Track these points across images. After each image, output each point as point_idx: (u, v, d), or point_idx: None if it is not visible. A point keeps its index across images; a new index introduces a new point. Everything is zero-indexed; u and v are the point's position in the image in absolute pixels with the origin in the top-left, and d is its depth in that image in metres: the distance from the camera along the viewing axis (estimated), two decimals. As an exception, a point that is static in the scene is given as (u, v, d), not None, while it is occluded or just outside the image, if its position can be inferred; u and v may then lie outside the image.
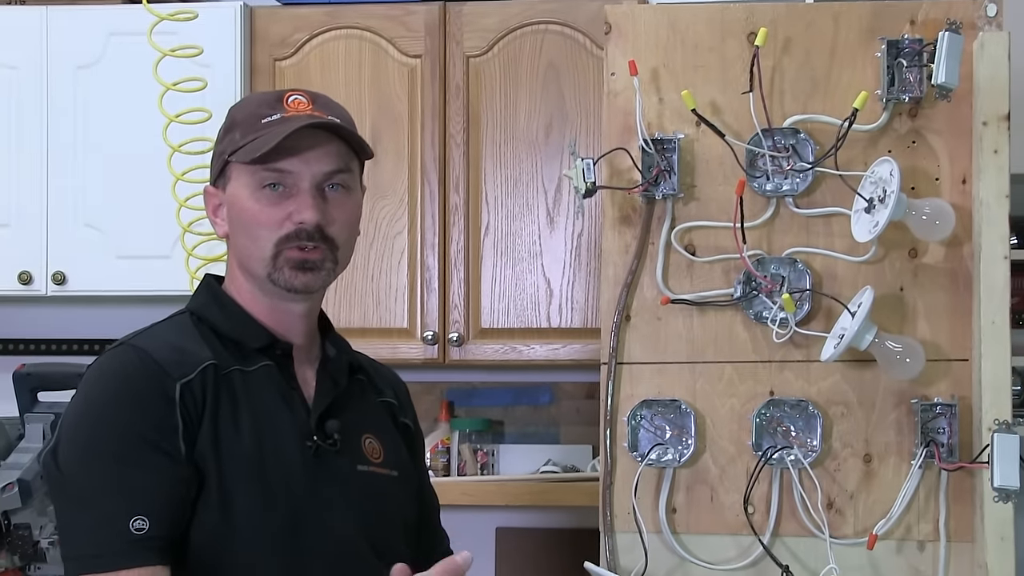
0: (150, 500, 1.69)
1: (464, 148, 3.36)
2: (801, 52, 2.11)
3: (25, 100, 3.41)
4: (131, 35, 3.26)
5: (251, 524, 1.74)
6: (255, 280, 1.85)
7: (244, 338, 1.85)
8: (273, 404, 1.82)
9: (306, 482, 1.80)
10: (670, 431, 2.10)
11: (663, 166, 2.10)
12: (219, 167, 1.86)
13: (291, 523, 1.77)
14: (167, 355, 1.77)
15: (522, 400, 3.67)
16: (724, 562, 2.08)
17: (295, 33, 3.42)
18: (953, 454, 1.99)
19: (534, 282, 3.33)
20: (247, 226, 1.82)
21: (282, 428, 1.81)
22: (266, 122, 1.81)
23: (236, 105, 1.92)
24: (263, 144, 1.78)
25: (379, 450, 1.92)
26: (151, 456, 1.71)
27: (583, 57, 3.33)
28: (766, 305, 2.07)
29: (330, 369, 1.92)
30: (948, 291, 2.04)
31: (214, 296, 1.90)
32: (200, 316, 1.87)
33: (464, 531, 3.61)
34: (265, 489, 1.76)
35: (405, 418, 2.06)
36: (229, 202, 1.85)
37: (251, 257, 1.83)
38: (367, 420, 1.94)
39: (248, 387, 1.81)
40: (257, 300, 1.87)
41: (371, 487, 1.88)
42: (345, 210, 1.85)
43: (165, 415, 1.73)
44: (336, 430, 1.84)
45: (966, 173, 2.04)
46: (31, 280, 3.39)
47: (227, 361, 1.81)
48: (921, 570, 2.03)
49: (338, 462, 1.84)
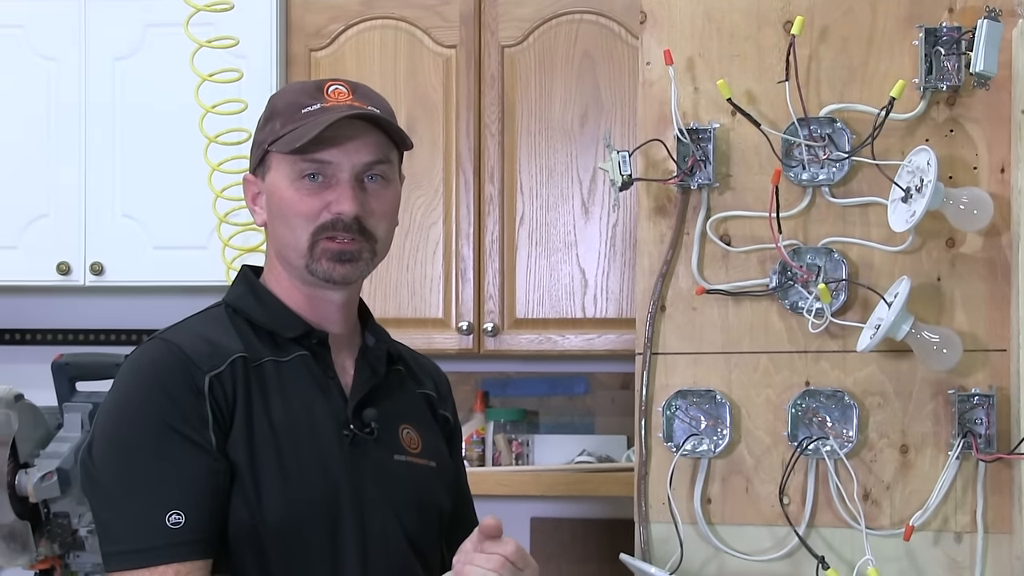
0: (185, 493, 1.70)
1: (499, 138, 3.36)
2: (838, 40, 2.10)
3: (63, 91, 3.43)
4: (168, 26, 3.28)
5: (285, 513, 1.75)
6: (293, 270, 1.86)
7: (279, 328, 1.85)
8: (309, 393, 1.83)
9: (342, 470, 1.80)
10: (705, 421, 2.09)
11: (698, 156, 2.10)
12: (259, 156, 1.87)
13: (327, 511, 1.78)
14: (198, 348, 1.78)
15: (557, 390, 3.67)
16: (759, 553, 2.07)
17: (331, 24, 3.43)
18: (991, 445, 1.98)
19: (569, 272, 3.33)
20: (285, 215, 1.83)
21: (318, 417, 1.81)
22: (306, 112, 1.82)
23: (276, 94, 1.93)
24: (304, 134, 1.78)
25: (417, 440, 1.93)
26: (183, 449, 1.72)
27: (618, 46, 3.33)
28: (802, 295, 2.06)
29: (369, 358, 1.92)
30: (986, 281, 2.03)
31: (250, 287, 1.90)
32: (236, 308, 1.88)
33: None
34: (300, 478, 1.76)
35: (444, 410, 2.06)
36: (268, 191, 1.85)
37: (288, 247, 1.84)
38: (405, 410, 1.95)
39: (282, 377, 1.82)
40: (295, 290, 1.87)
41: (408, 477, 1.88)
42: (384, 201, 1.85)
43: (195, 407, 1.74)
44: (373, 419, 1.85)
45: (1004, 162, 2.02)
46: (69, 271, 3.41)
47: (260, 352, 1.82)
48: (959, 561, 2.02)
49: (375, 451, 1.85)
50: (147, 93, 3.41)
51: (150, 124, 3.39)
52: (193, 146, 2.89)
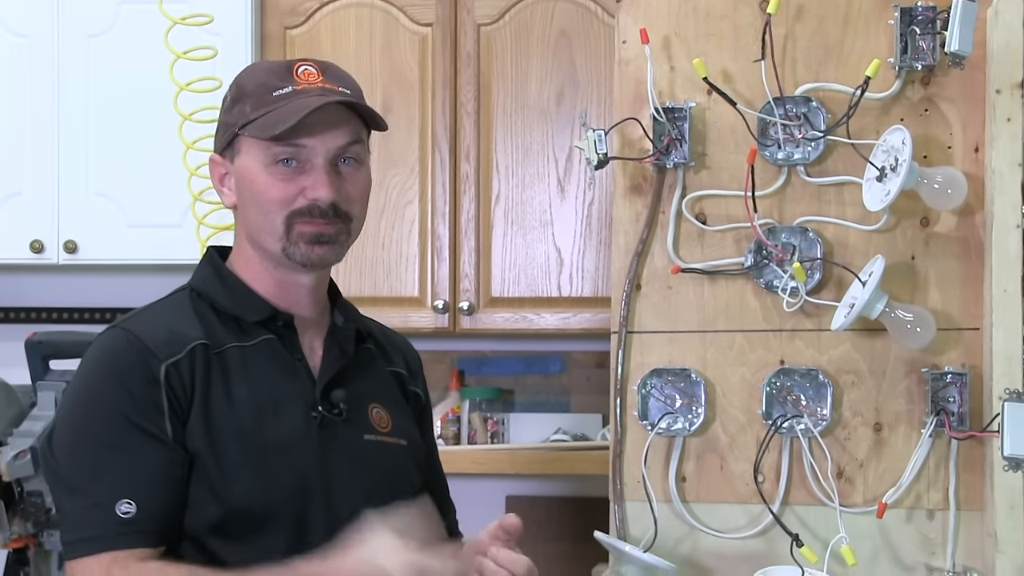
0: (137, 483, 1.70)
1: (475, 117, 3.36)
2: (814, 19, 2.10)
3: (36, 69, 3.41)
4: (142, 3, 3.27)
5: (252, 498, 1.74)
6: (266, 253, 1.84)
7: (243, 312, 1.84)
8: (275, 377, 1.82)
9: (310, 453, 1.80)
10: (680, 400, 2.10)
11: (674, 135, 2.10)
12: (228, 138, 1.84)
13: (294, 495, 1.77)
14: (156, 336, 1.77)
15: (532, 369, 3.67)
16: (734, 531, 2.08)
17: (306, 2, 3.42)
18: (963, 423, 1.99)
19: (545, 251, 3.33)
20: (258, 200, 1.81)
21: (284, 400, 1.81)
22: (278, 95, 1.80)
23: (243, 74, 1.89)
24: (279, 122, 1.76)
25: (387, 419, 1.92)
26: (137, 438, 1.72)
27: (594, 25, 3.32)
28: (777, 274, 2.07)
29: (338, 338, 1.91)
30: (960, 260, 2.04)
31: (215, 270, 1.89)
32: (200, 292, 1.87)
33: (474, 499, 3.63)
34: (265, 463, 1.76)
35: (415, 387, 2.06)
36: (239, 174, 1.84)
37: (262, 231, 1.83)
38: (375, 389, 1.94)
39: (247, 362, 1.81)
40: (266, 273, 1.86)
41: (379, 456, 1.88)
42: (358, 184, 1.85)
43: (151, 397, 1.73)
44: (342, 400, 1.84)
45: (979, 141, 2.03)
46: (43, 249, 3.40)
47: (223, 338, 1.81)
48: (931, 538, 2.03)
49: (345, 432, 1.84)
50: (121, 70, 3.39)
51: (124, 102, 3.37)
52: (167, 124, 2.87)
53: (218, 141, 1.88)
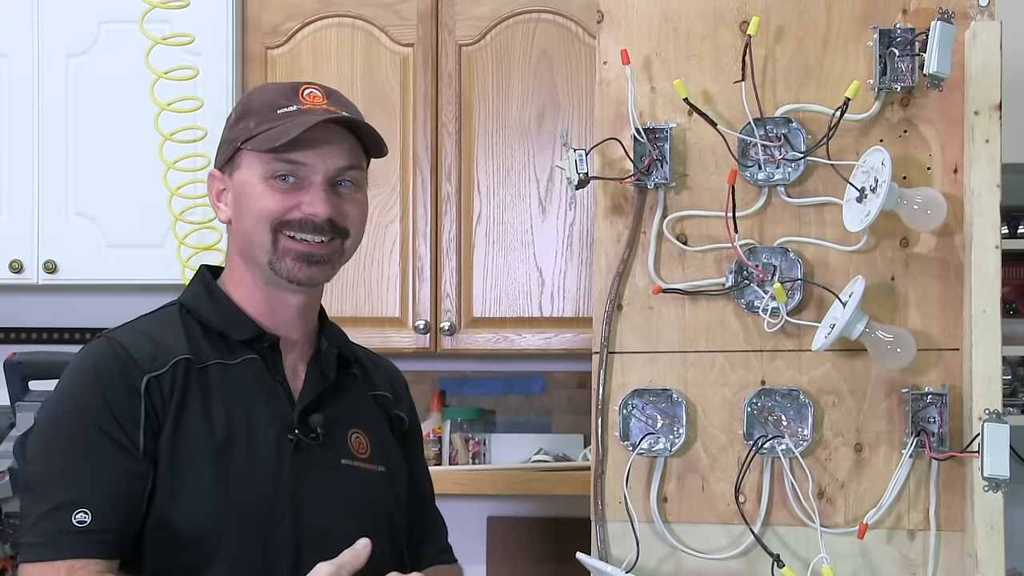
0: (96, 493, 1.70)
1: (456, 137, 3.36)
2: (793, 41, 2.11)
3: (16, 88, 3.40)
4: (123, 23, 3.26)
5: (213, 519, 1.73)
6: (256, 268, 1.85)
7: (230, 330, 1.84)
8: (253, 397, 1.82)
9: (281, 476, 1.79)
10: (661, 420, 2.10)
11: (655, 155, 2.10)
12: (229, 153, 1.86)
13: (259, 518, 1.76)
14: (142, 348, 1.78)
15: (514, 389, 3.67)
16: (715, 551, 2.08)
17: (287, 21, 3.42)
18: (944, 443, 1.99)
19: (526, 271, 3.33)
20: (252, 213, 1.82)
21: (259, 421, 1.80)
22: (282, 112, 1.82)
23: (251, 93, 1.92)
24: (282, 134, 1.79)
25: (366, 445, 1.91)
26: (105, 447, 1.72)
27: (575, 46, 3.33)
28: (757, 294, 2.07)
29: (320, 362, 1.91)
30: (939, 280, 2.04)
31: (206, 288, 1.90)
32: (189, 308, 1.87)
33: (455, 520, 3.61)
34: (232, 483, 1.75)
35: (399, 410, 2.06)
36: (237, 188, 1.85)
37: (253, 243, 1.83)
38: (355, 414, 1.94)
39: (227, 380, 1.81)
40: (256, 290, 1.87)
41: (354, 482, 1.87)
42: (356, 205, 1.89)
43: (128, 407, 1.74)
44: (320, 424, 1.84)
45: (958, 162, 2.04)
46: (22, 269, 3.39)
47: (207, 355, 1.82)
48: (911, 559, 2.03)
49: (320, 456, 1.83)
50: (101, 90, 3.38)
51: (104, 121, 3.37)
52: (148, 144, 2.87)
53: (219, 157, 1.89)
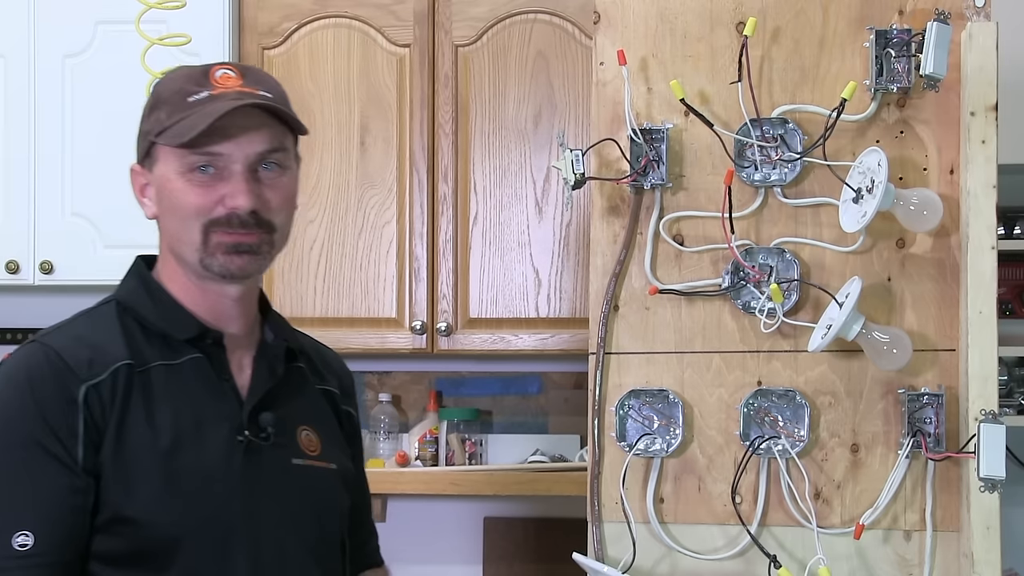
0: (37, 514, 1.63)
1: (453, 138, 3.36)
2: (790, 42, 2.11)
3: (12, 88, 3.40)
4: (119, 23, 3.25)
5: (167, 528, 1.68)
6: (187, 265, 1.78)
7: (172, 330, 1.78)
8: (200, 399, 1.75)
9: (233, 480, 1.73)
10: (658, 421, 2.10)
11: (652, 156, 2.10)
12: (145, 147, 1.79)
13: (214, 525, 1.71)
14: (78, 354, 1.70)
15: (510, 390, 3.67)
16: (711, 552, 2.08)
17: (283, 22, 3.42)
18: (940, 444, 1.99)
19: (522, 272, 3.33)
20: (176, 210, 1.75)
21: (208, 424, 1.74)
22: (193, 100, 1.73)
23: (161, 81, 1.83)
24: (192, 126, 1.70)
25: (316, 442, 1.86)
26: (43, 465, 1.65)
27: (572, 46, 3.33)
28: (754, 295, 2.07)
29: (267, 356, 1.85)
30: (935, 281, 2.05)
31: (143, 282, 1.83)
32: (126, 306, 1.80)
33: (452, 521, 3.64)
34: (184, 491, 1.69)
35: (348, 406, 2.00)
36: (157, 184, 1.78)
37: (181, 241, 1.77)
38: (305, 410, 1.88)
39: (172, 383, 1.74)
40: (189, 285, 1.80)
41: (307, 481, 1.82)
42: (281, 191, 1.78)
43: (66, 419, 1.66)
44: (270, 423, 1.78)
45: (954, 163, 2.04)
46: (18, 269, 3.38)
47: (149, 357, 1.74)
48: (908, 559, 2.04)
49: (271, 456, 1.78)
50: (98, 91, 3.38)
51: (101, 122, 3.36)
52: (144, 144, 2.86)
53: (138, 151, 1.82)
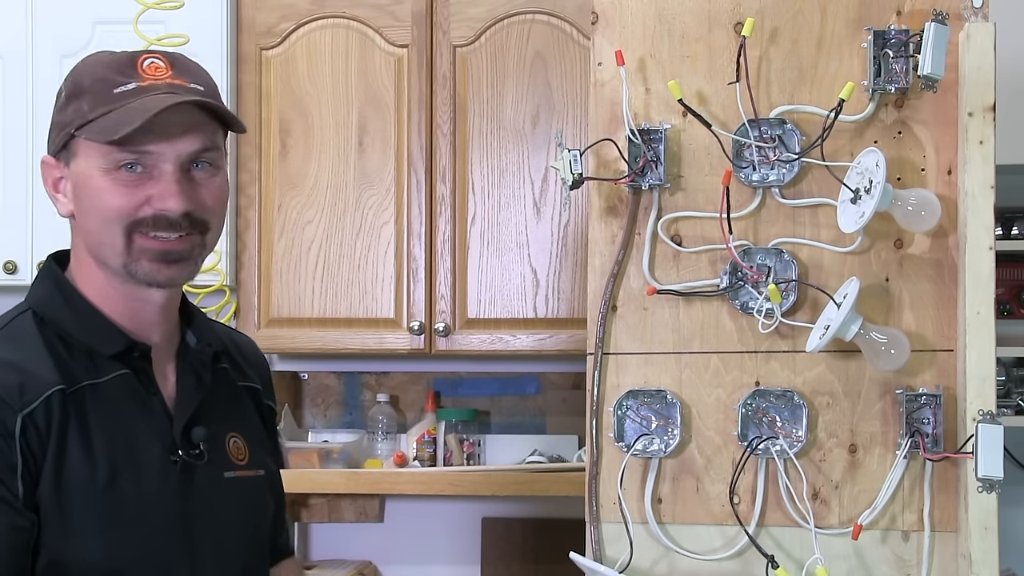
0: None
1: (451, 138, 3.36)
2: (788, 42, 2.11)
3: (9, 88, 3.39)
4: (117, 23, 3.25)
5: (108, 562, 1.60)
6: (107, 268, 1.67)
7: (98, 345, 1.66)
8: (130, 419, 1.65)
9: (171, 503, 1.66)
10: (656, 421, 2.10)
11: (650, 156, 2.10)
12: (63, 140, 1.66)
13: (156, 553, 1.64)
14: (7, 381, 1.58)
15: (508, 390, 3.67)
16: (709, 552, 2.08)
17: (281, 22, 3.41)
18: (938, 444, 1.99)
19: (520, 272, 3.33)
20: (97, 210, 1.64)
21: (141, 446, 1.65)
22: (120, 92, 1.62)
23: (80, 68, 1.70)
24: (120, 123, 1.59)
25: (244, 450, 1.80)
26: None
27: (570, 47, 3.33)
28: (752, 295, 2.07)
29: (192, 364, 1.75)
30: (933, 282, 2.05)
31: (58, 288, 1.71)
32: (44, 317, 1.68)
33: (450, 521, 3.64)
34: (124, 521, 1.61)
35: (269, 400, 1.94)
36: (76, 180, 1.66)
37: (102, 244, 1.65)
38: (231, 416, 1.81)
39: (100, 403, 1.63)
40: (110, 290, 1.68)
41: (239, 494, 1.77)
42: (214, 190, 1.68)
43: (3, 454, 1.55)
44: (203, 439, 1.69)
45: (952, 164, 2.04)
46: (16, 270, 3.38)
47: (76, 376, 1.63)
48: (906, 559, 2.04)
49: (204, 473, 1.70)
50: (95, 91, 3.37)
51: (98, 122, 3.36)
52: (142, 144, 2.86)
53: (51, 142, 1.69)
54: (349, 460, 3.45)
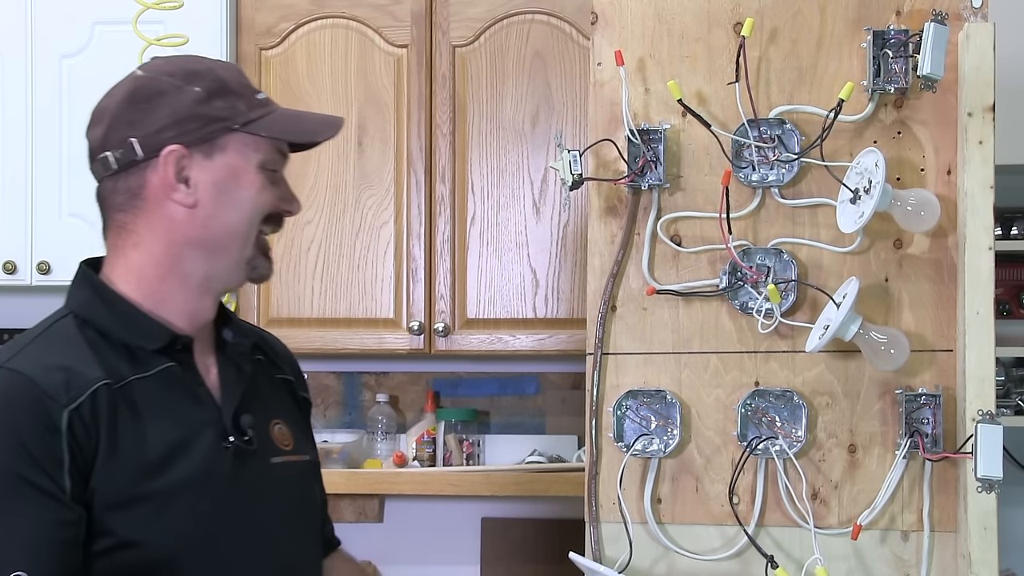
0: (29, 552, 1.56)
1: (450, 138, 3.36)
2: (787, 42, 2.11)
3: (9, 89, 3.39)
4: (117, 24, 3.25)
5: (171, 545, 1.64)
6: (209, 262, 1.72)
7: (140, 340, 1.70)
8: (180, 408, 1.70)
9: (226, 488, 1.70)
10: (655, 421, 2.10)
11: (649, 156, 2.10)
12: (210, 133, 1.70)
13: (215, 534, 1.68)
14: (52, 378, 1.61)
15: (508, 390, 3.67)
16: (709, 552, 2.08)
17: (281, 23, 3.41)
18: (937, 444, 1.99)
19: (520, 272, 3.33)
20: (246, 201, 1.71)
21: (194, 433, 1.69)
22: (261, 99, 1.74)
23: (215, 68, 1.75)
24: (298, 129, 1.78)
25: (288, 436, 1.84)
26: (30, 500, 1.57)
27: (569, 47, 3.33)
28: (751, 295, 2.07)
29: (232, 356, 1.80)
30: (933, 282, 2.05)
31: (95, 290, 1.74)
32: (84, 318, 1.72)
33: (450, 521, 3.64)
34: (182, 506, 1.65)
35: (303, 392, 1.99)
36: (220, 173, 1.71)
37: (235, 235, 1.72)
38: (273, 405, 1.85)
39: (149, 395, 1.67)
40: (178, 287, 1.72)
41: (289, 478, 1.81)
42: None
43: (49, 448, 1.58)
44: (250, 425, 1.74)
45: (951, 164, 2.04)
46: (16, 270, 3.38)
47: (122, 371, 1.67)
48: (905, 559, 2.04)
49: (255, 458, 1.74)
50: (95, 91, 3.34)
51: (98, 122, 3.36)
52: (142, 145, 2.86)
53: (187, 133, 1.70)
54: (348, 460, 3.45)
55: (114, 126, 1.74)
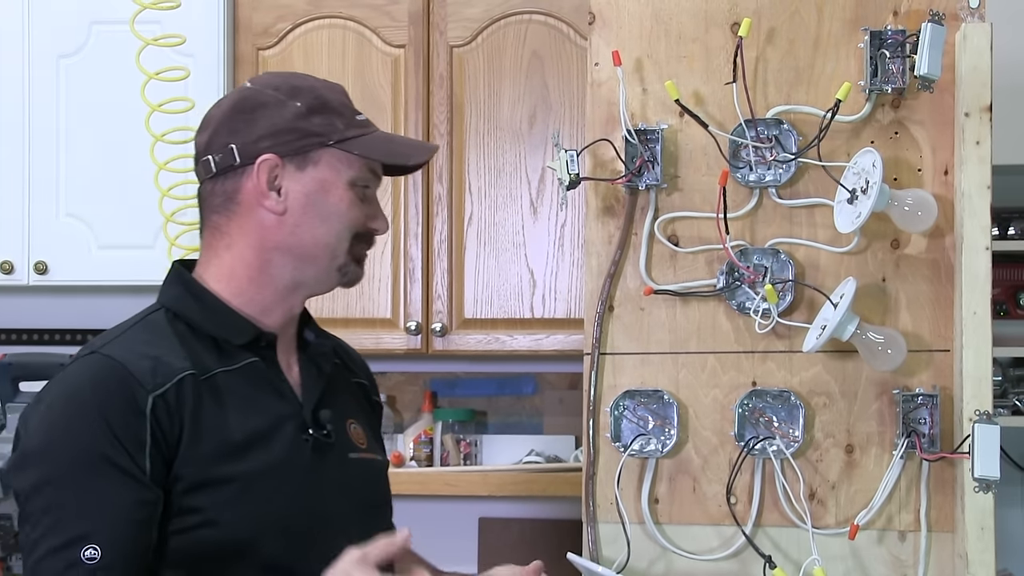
0: (104, 527, 1.63)
1: (448, 138, 3.36)
2: (784, 42, 2.11)
3: (6, 89, 3.40)
4: (114, 24, 3.26)
5: (248, 528, 1.71)
6: (299, 268, 1.82)
7: (228, 335, 1.79)
8: (263, 401, 1.78)
9: (305, 477, 1.77)
10: (653, 421, 2.10)
11: (646, 156, 2.10)
12: (307, 145, 1.81)
13: (293, 520, 1.75)
14: (142, 365, 1.70)
15: (505, 390, 3.67)
16: (706, 552, 2.08)
17: (278, 23, 3.42)
18: (934, 444, 1.99)
19: (517, 272, 3.33)
20: (336, 215, 1.82)
21: (275, 425, 1.77)
22: (361, 120, 1.88)
23: (316, 86, 1.88)
24: (394, 150, 1.92)
25: (363, 436, 1.93)
26: (111, 478, 1.65)
27: (567, 47, 3.33)
28: (749, 296, 2.07)
29: (313, 356, 1.89)
30: (930, 282, 2.05)
31: (187, 287, 1.83)
32: (175, 312, 1.81)
33: (447, 521, 3.64)
34: (263, 492, 1.72)
35: (376, 397, 2.08)
36: (311, 186, 1.81)
37: (325, 245, 1.82)
38: (349, 405, 1.94)
39: (234, 388, 1.76)
40: (265, 288, 1.82)
41: (364, 475, 1.89)
42: None
43: (133, 430, 1.66)
44: (329, 420, 1.82)
45: (948, 164, 2.04)
46: (12, 270, 3.38)
47: (208, 364, 1.76)
48: (902, 560, 2.04)
49: (333, 453, 1.83)
50: (92, 91, 3.38)
51: (95, 122, 3.36)
52: (139, 145, 2.86)
53: (284, 144, 1.81)
54: (346, 460, 3.45)
55: (218, 132, 1.83)
